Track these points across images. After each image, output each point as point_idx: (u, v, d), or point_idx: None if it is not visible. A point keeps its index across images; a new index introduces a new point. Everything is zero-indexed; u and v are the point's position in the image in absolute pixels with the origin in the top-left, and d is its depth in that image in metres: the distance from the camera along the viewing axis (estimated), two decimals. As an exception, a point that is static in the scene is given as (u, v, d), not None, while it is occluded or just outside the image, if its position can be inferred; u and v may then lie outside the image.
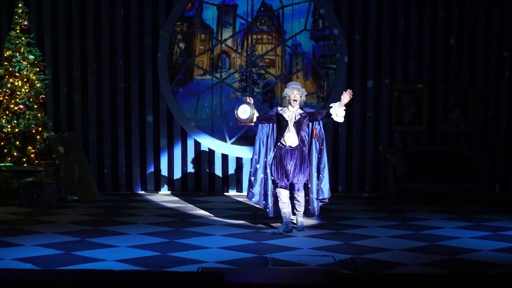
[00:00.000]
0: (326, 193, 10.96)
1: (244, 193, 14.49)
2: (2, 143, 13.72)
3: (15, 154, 13.65)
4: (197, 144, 14.80)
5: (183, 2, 14.64)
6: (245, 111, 10.93)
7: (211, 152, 14.80)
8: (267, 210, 11.11)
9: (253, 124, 11.12)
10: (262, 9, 14.78)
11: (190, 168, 14.81)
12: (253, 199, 11.06)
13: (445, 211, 12.92)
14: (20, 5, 13.95)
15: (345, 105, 10.83)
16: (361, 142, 14.78)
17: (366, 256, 9.44)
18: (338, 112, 10.79)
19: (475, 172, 14.14)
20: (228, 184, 14.84)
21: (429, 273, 8.69)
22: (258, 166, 10.94)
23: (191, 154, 14.79)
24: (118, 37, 14.62)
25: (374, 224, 11.68)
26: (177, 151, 14.80)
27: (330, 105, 10.90)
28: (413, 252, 9.72)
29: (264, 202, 11.05)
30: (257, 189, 10.97)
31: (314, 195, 10.95)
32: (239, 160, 14.79)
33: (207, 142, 14.76)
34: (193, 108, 14.79)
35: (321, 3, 14.61)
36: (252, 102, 11.03)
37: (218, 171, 14.83)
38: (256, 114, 11.01)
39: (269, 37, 14.88)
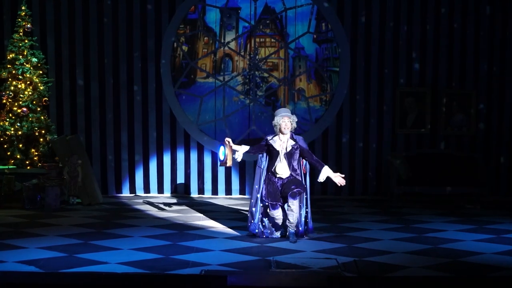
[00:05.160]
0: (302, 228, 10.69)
1: (248, 195, 14.55)
2: (5, 146, 13.73)
3: (18, 156, 13.66)
4: (200, 147, 14.81)
5: (186, 5, 14.66)
6: (223, 153, 10.66)
7: (214, 155, 14.81)
8: (264, 236, 10.82)
9: (230, 165, 10.75)
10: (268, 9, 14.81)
11: (193, 171, 14.82)
12: (256, 231, 10.71)
13: (448, 214, 12.92)
14: (23, 8, 13.96)
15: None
16: (364, 145, 14.78)
17: (369, 258, 9.44)
18: (322, 179, 10.52)
19: (478, 175, 14.13)
20: (231, 186, 14.84)
21: (432, 276, 8.69)
22: (258, 196, 10.67)
23: (194, 157, 14.81)
24: (121, 40, 14.63)
25: (377, 226, 11.68)
26: (180, 154, 14.81)
27: (323, 170, 10.47)
28: (416, 255, 9.72)
29: (263, 230, 10.74)
30: (258, 220, 10.69)
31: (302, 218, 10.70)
32: (242, 163, 14.79)
33: (210, 145, 14.76)
34: (196, 111, 14.81)
35: (324, 6, 14.62)
36: (230, 143, 10.62)
37: (221, 173, 14.83)
38: (244, 150, 10.72)
39: (272, 40, 14.88)
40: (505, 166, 14.76)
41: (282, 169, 10.49)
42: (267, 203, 10.60)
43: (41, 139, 13.89)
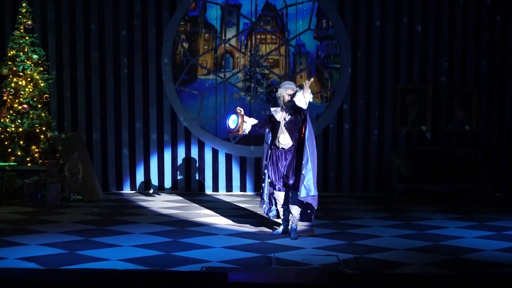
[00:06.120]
0: (303, 192, 10.21)
1: (249, 192, 14.58)
2: (6, 143, 13.73)
3: (19, 153, 13.66)
4: (201, 144, 14.81)
5: (187, 2, 14.65)
6: (234, 121, 10.73)
7: (215, 152, 14.81)
8: (269, 215, 10.94)
9: (241, 134, 10.86)
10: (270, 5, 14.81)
11: (194, 168, 14.81)
12: (263, 206, 10.80)
13: (449, 211, 12.92)
14: (24, 4, 13.95)
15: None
16: (365, 142, 14.77)
17: (369, 255, 9.44)
18: (300, 98, 10.17)
19: (479, 172, 14.13)
20: (232, 183, 14.84)
21: (433, 273, 8.69)
22: (266, 171, 10.69)
23: (195, 154, 14.80)
24: (122, 37, 14.63)
25: (378, 223, 11.68)
26: (181, 151, 14.80)
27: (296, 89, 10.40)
28: (416, 252, 9.72)
29: (268, 208, 10.81)
30: (266, 196, 10.75)
31: (300, 194, 10.34)
32: (243, 160, 14.80)
33: (211, 141, 14.76)
34: (196, 108, 14.80)
35: (325, 3, 14.61)
36: (242, 112, 10.74)
37: (222, 170, 14.83)
38: (252, 122, 10.81)
39: (273, 36, 14.87)
40: (506, 163, 14.74)
41: (284, 139, 10.49)
42: (271, 182, 10.64)
43: (42, 136, 13.89)
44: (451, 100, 14.72)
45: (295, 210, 10.49)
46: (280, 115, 10.58)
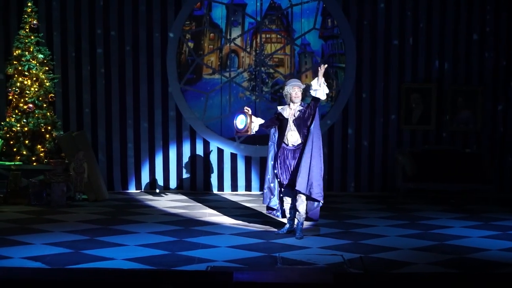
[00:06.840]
0: (301, 184, 10.29)
1: (254, 192, 14.57)
2: (12, 142, 13.75)
3: (24, 153, 13.68)
4: (206, 143, 14.81)
5: (192, 1, 14.66)
6: (242, 121, 10.74)
7: (220, 151, 14.81)
8: (278, 215, 10.99)
9: (250, 134, 10.89)
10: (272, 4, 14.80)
11: (199, 167, 14.81)
12: (274, 207, 10.82)
13: (454, 211, 12.91)
14: (29, 4, 13.97)
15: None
16: (369, 141, 14.76)
17: (374, 255, 9.43)
18: (315, 87, 10.30)
19: (483, 171, 14.11)
20: (237, 183, 14.84)
21: (438, 272, 8.68)
22: (276, 171, 10.69)
23: (200, 153, 14.81)
24: (127, 36, 14.64)
25: (383, 223, 11.68)
26: (186, 150, 14.81)
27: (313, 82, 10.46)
28: (421, 251, 9.71)
29: (278, 207, 10.85)
30: (276, 196, 10.78)
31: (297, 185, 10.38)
32: (248, 159, 14.80)
33: (216, 141, 14.77)
34: (202, 107, 14.81)
35: (330, 2, 14.60)
36: (250, 112, 10.76)
37: (227, 170, 14.83)
38: (259, 122, 10.83)
39: (278, 36, 14.87)
40: (511, 162, 14.71)
41: (293, 137, 10.51)
42: (280, 181, 10.64)
43: (47, 136, 13.91)
44: (456, 99, 14.71)
45: (302, 208, 10.49)
46: (288, 112, 10.60)
